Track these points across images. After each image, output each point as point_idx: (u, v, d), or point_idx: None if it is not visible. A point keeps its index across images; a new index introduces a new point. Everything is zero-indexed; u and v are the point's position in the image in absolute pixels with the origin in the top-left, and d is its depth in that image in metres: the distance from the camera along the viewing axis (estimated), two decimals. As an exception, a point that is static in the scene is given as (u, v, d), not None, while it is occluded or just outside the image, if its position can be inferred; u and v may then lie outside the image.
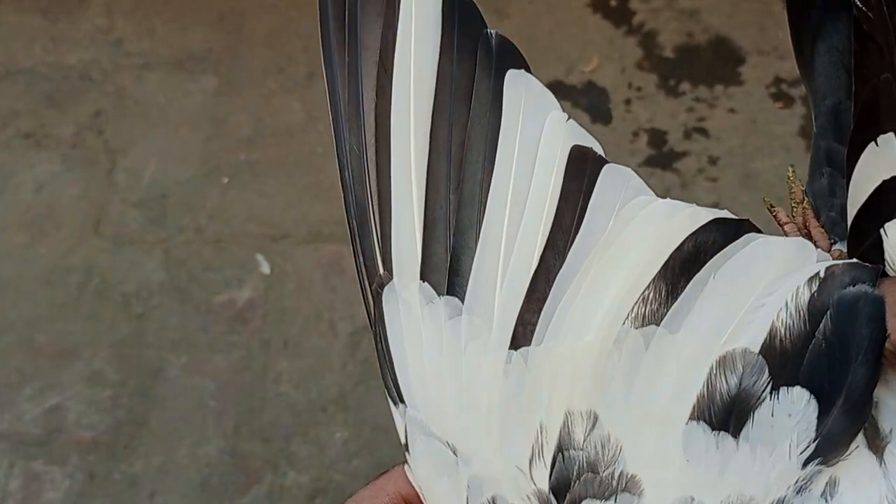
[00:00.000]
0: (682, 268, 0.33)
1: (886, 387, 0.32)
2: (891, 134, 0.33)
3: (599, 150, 0.36)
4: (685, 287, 0.33)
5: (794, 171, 0.38)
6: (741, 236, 0.34)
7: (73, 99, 1.44)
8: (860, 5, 0.33)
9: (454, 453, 0.34)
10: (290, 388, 1.21)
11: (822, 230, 0.37)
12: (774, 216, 0.38)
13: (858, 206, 0.34)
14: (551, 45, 1.46)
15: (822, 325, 0.31)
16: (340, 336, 1.24)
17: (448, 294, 0.34)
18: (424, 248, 0.35)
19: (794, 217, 0.38)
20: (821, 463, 0.31)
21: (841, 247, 0.36)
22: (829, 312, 0.31)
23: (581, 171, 0.35)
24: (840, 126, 0.38)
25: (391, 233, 0.35)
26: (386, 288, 0.35)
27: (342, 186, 0.36)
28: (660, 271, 0.33)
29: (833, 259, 0.34)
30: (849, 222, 0.35)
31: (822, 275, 0.32)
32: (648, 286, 0.33)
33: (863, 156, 0.34)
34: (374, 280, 0.35)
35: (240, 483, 1.16)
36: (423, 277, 0.35)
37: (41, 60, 1.48)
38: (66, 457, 1.18)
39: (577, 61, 1.45)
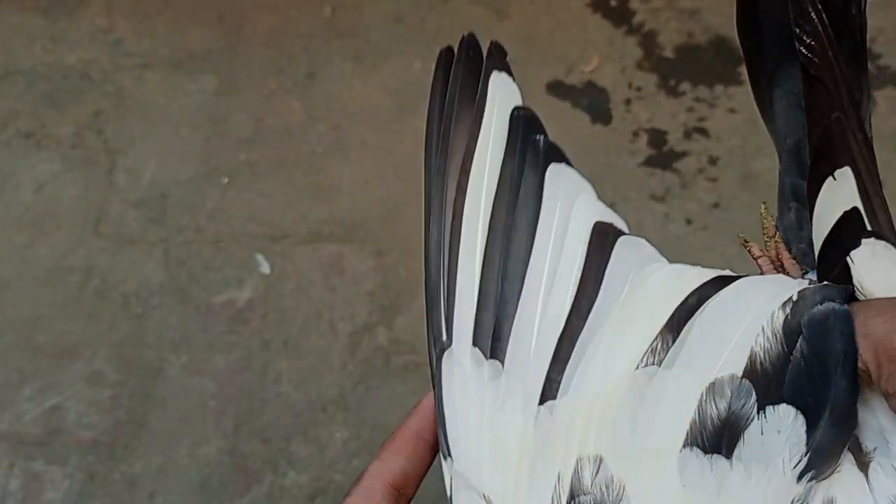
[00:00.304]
0: (685, 319, 0.36)
1: (865, 405, 0.34)
2: (847, 168, 0.36)
3: (620, 225, 0.40)
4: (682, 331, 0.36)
5: (766, 208, 0.41)
6: None
7: (73, 99, 1.45)
8: (806, 52, 0.36)
9: None
10: (290, 388, 1.21)
11: (794, 262, 0.39)
12: (749, 251, 0.40)
13: (823, 237, 0.36)
14: (551, 45, 1.46)
15: (798, 345, 0.33)
16: (340, 336, 1.24)
17: (492, 357, 0.38)
18: (477, 317, 0.39)
19: (767, 251, 0.40)
20: (814, 476, 0.32)
21: (812, 276, 0.38)
22: (802, 332, 0.33)
23: (603, 244, 0.39)
24: (802, 163, 0.40)
25: (454, 305, 0.40)
26: (446, 352, 0.39)
27: (424, 267, 0.41)
28: (666, 324, 0.36)
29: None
30: (816, 254, 0.37)
31: (794, 298, 0.34)
32: (656, 338, 0.36)
33: (822, 190, 0.36)
34: (438, 345, 0.39)
35: (240, 483, 1.16)
36: (474, 343, 0.39)
37: (41, 60, 1.48)
38: (66, 457, 1.18)
39: (577, 61, 1.45)
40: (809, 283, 0.37)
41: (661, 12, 1.49)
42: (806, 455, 0.32)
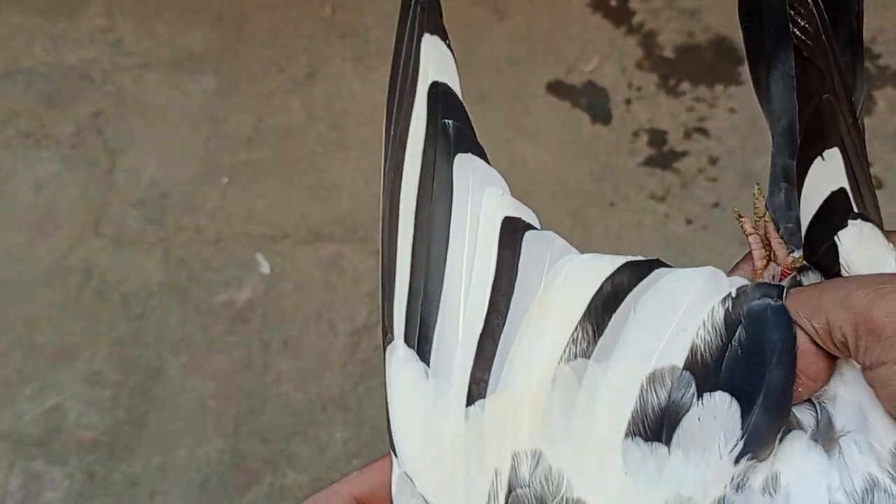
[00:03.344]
0: (603, 307, 0.36)
1: (842, 381, 0.35)
2: (835, 149, 0.36)
3: (528, 218, 0.40)
4: (608, 323, 0.36)
5: (759, 188, 0.41)
6: (652, 272, 0.37)
7: (73, 99, 1.45)
8: (799, 34, 0.37)
9: None
10: (290, 388, 1.21)
11: (781, 241, 0.40)
12: (741, 226, 0.41)
13: (810, 216, 0.37)
14: (551, 45, 1.46)
15: (736, 334, 0.35)
16: (340, 336, 1.24)
17: (420, 359, 0.38)
18: (407, 316, 0.39)
19: (756, 229, 0.40)
20: (751, 458, 0.34)
21: (797, 254, 0.39)
22: (741, 323, 0.35)
23: (513, 240, 0.39)
24: (794, 144, 0.41)
25: (395, 299, 0.39)
26: (389, 346, 0.39)
27: (381, 248, 0.40)
28: (584, 313, 0.36)
29: (788, 265, 0.38)
30: (803, 232, 0.38)
31: (733, 294, 0.35)
32: (576, 328, 0.36)
33: (811, 170, 0.37)
34: (387, 337, 0.39)
35: (240, 483, 1.16)
36: (406, 342, 0.39)
37: (41, 60, 1.48)
38: (65, 457, 1.18)
39: (577, 61, 1.45)
40: (792, 263, 0.38)
41: (661, 12, 1.49)
42: (741, 439, 0.33)
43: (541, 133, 1.39)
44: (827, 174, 0.37)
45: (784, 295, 0.35)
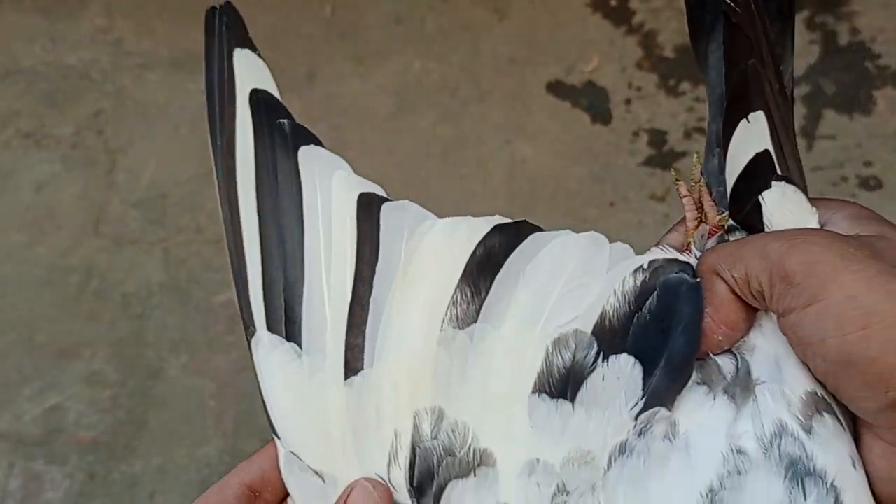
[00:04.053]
0: (479, 270, 0.39)
1: (761, 333, 0.37)
2: (760, 112, 0.38)
3: (381, 192, 0.42)
4: (489, 286, 0.38)
5: (698, 157, 0.44)
6: (523, 235, 0.39)
7: (73, 99, 1.45)
8: (729, 2, 0.39)
9: (322, 479, 0.38)
10: (290, 388, 1.21)
11: (713, 203, 0.41)
12: (677, 189, 0.42)
13: (736, 175, 0.39)
14: (551, 45, 1.46)
15: (647, 303, 0.37)
16: (340, 336, 1.24)
17: (289, 340, 0.40)
18: (266, 304, 0.40)
19: (691, 193, 0.42)
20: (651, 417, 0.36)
21: (725, 214, 0.41)
22: (655, 292, 0.37)
23: (370, 213, 0.41)
24: None
25: (250, 292, 0.41)
26: (253, 338, 0.41)
27: (228, 252, 0.42)
28: (461, 277, 0.38)
29: (716, 223, 0.40)
30: (728, 191, 0.40)
31: (645, 266, 0.37)
32: (455, 291, 0.38)
33: (736, 132, 0.39)
34: (250, 331, 0.41)
35: (240, 483, 1.16)
36: (269, 329, 0.40)
37: (41, 60, 1.48)
38: (65, 457, 1.18)
39: (577, 61, 1.45)
40: (720, 221, 0.40)
41: (661, 12, 1.49)
42: (642, 399, 0.36)
43: (541, 133, 1.39)
44: (752, 135, 0.38)
45: (695, 272, 0.37)
